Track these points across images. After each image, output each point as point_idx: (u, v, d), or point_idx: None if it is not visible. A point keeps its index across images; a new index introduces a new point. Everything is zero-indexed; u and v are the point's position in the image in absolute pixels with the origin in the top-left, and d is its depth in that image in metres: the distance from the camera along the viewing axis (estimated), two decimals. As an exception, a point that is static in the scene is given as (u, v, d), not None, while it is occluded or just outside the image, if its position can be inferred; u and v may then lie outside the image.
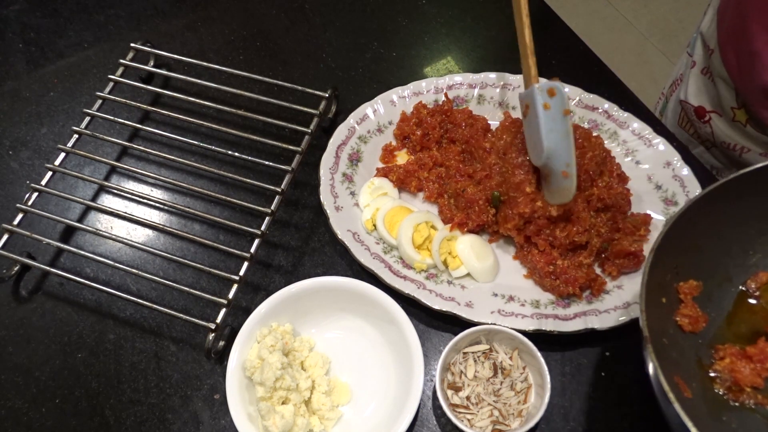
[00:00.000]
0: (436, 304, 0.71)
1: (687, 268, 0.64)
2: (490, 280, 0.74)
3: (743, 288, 0.67)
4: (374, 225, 0.77)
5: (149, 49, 0.89)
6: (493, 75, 0.86)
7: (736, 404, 0.60)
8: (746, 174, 0.61)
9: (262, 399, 0.65)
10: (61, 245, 0.76)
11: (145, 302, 0.71)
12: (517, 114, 0.83)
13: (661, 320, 0.61)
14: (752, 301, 0.66)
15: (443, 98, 0.85)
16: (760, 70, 0.73)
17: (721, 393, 0.61)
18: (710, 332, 0.64)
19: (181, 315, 0.70)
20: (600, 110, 0.83)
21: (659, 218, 0.76)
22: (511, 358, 0.68)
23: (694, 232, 0.62)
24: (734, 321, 0.65)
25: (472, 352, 0.69)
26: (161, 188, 0.84)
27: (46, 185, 0.79)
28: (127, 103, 0.86)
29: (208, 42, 0.98)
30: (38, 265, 0.75)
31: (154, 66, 0.91)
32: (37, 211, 0.77)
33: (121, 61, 0.88)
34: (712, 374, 0.62)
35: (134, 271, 0.73)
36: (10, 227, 0.76)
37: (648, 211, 0.76)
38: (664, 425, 0.55)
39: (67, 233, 0.81)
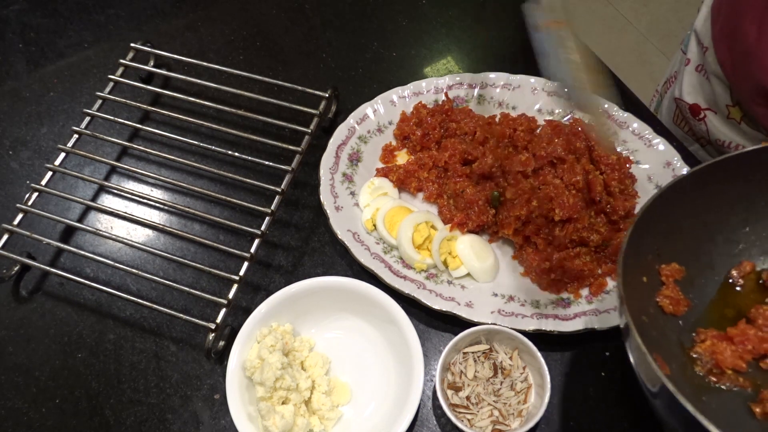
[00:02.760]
0: (436, 304, 0.71)
1: (669, 251, 0.64)
2: (490, 280, 0.74)
3: (727, 276, 0.66)
4: (374, 225, 0.77)
5: (149, 49, 0.89)
6: (493, 75, 0.86)
7: (717, 386, 0.60)
8: (730, 158, 0.60)
9: (262, 399, 0.65)
10: (61, 245, 0.76)
11: (145, 302, 0.71)
12: (517, 114, 0.83)
13: (642, 299, 0.61)
14: (737, 288, 0.66)
15: (443, 98, 0.85)
16: (754, 68, 0.73)
17: (701, 375, 0.61)
18: (692, 317, 0.64)
19: (181, 315, 0.70)
20: (600, 110, 0.83)
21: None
22: (511, 358, 0.68)
23: (677, 215, 0.62)
24: (717, 308, 0.65)
25: (472, 352, 0.69)
26: (161, 188, 0.84)
27: (46, 185, 0.79)
28: (127, 103, 0.86)
29: (208, 42, 0.98)
30: (38, 265, 0.75)
31: (154, 66, 0.91)
32: (37, 211, 0.77)
33: (121, 61, 0.88)
34: (693, 356, 0.61)
35: (134, 271, 0.73)
36: (10, 227, 0.76)
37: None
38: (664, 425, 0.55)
39: (67, 233, 0.81)
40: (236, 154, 0.80)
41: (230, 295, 0.70)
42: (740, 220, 0.66)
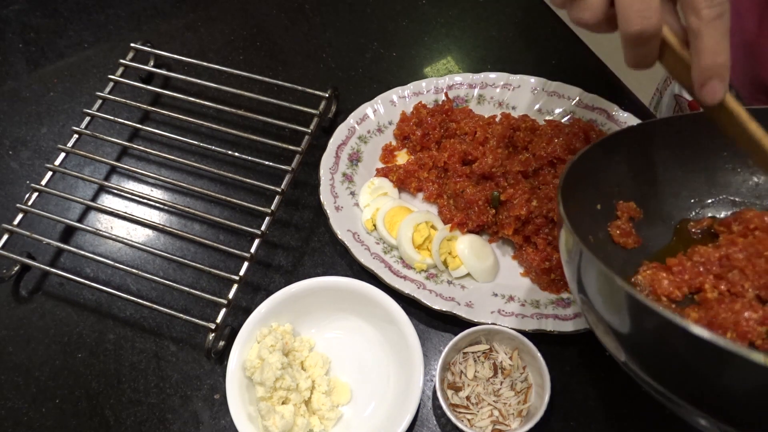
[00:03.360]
0: (436, 304, 0.71)
1: (630, 191, 0.65)
2: (490, 280, 0.74)
3: (683, 228, 0.67)
4: (374, 225, 0.77)
5: (149, 49, 0.89)
6: (493, 75, 0.86)
7: None
8: (701, 115, 0.59)
9: (262, 399, 0.65)
10: (61, 245, 0.76)
11: (145, 302, 0.71)
12: (517, 114, 0.83)
13: (591, 222, 0.62)
14: (694, 237, 0.67)
15: (443, 98, 0.85)
16: (753, 63, 0.73)
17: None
18: (640, 255, 0.65)
19: (181, 315, 0.70)
20: (600, 110, 0.83)
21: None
22: (511, 358, 0.68)
23: (644, 159, 0.62)
24: (666, 253, 0.66)
25: (472, 352, 0.69)
26: (161, 188, 0.84)
27: (46, 185, 0.79)
28: (127, 103, 0.86)
29: (208, 42, 0.98)
30: (38, 265, 0.75)
31: (154, 66, 0.91)
32: (37, 211, 0.77)
33: (121, 61, 0.88)
34: (633, 282, 0.62)
35: (134, 271, 0.73)
36: (10, 227, 0.76)
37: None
38: (665, 425, 0.55)
39: (67, 233, 0.81)
40: (236, 154, 0.80)
41: (230, 295, 0.70)
42: (705, 180, 0.67)
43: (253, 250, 0.72)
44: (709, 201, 0.67)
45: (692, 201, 0.67)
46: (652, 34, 0.47)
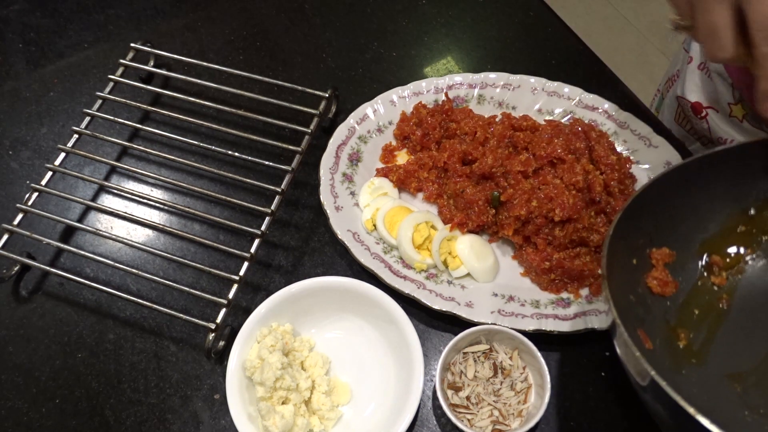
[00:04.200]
0: (436, 304, 0.71)
1: (661, 236, 0.66)
2: (490, 280, 0.74)
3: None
4: (374, 225, 0.77)
5: (149, 49, 0.89)
6: (493, 75, 0.87)
7: (693, 361, 0.62)
8: (725, 151, 0.62)
9: (262, 399, 0.65)
10: (61, 245, 0.76)
11: (145, 302, 0.71)
12: (517, 114, 0.83)
13: (630, 279, 0.63)
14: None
15: (443, 98, 0.85)
16: None
17: (682, 347, 0.63)
18: (679, 297, 0.65)
19: (181, 315, 0.70)
20: (600, 110, 0.83)
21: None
22: (511, 358, 0.68)
23: (671, 203, 0.63)
24: (701, 289, 0.67)
25: (472, 352, 0.69)
26: (161, 188, 0.84)
27: (46, 185, 0.79)
28: (127, 103, 0.86)
29: (208, 42, 0.98)
30: (38, 265, 0.75)
31: (154, 66, 0.91)
32: (37, 211, 0.77)
33: (121, 61, 0.88)
34: (678, 330, 0.64)
35: (134, 271, 0.73)
36: (10, 227, 0.76)
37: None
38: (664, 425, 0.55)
39: (67, 233, 0.81)
40: (236, 154, 0.80)
41: (230, 295, 0.70)
42: (732, 210, 0.67)
43: (253, 250, 0.72)
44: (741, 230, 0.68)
45: (721, 229, 0.68)
46: None
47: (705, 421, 0.43)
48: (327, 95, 0.83)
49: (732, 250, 0.67)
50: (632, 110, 0.83)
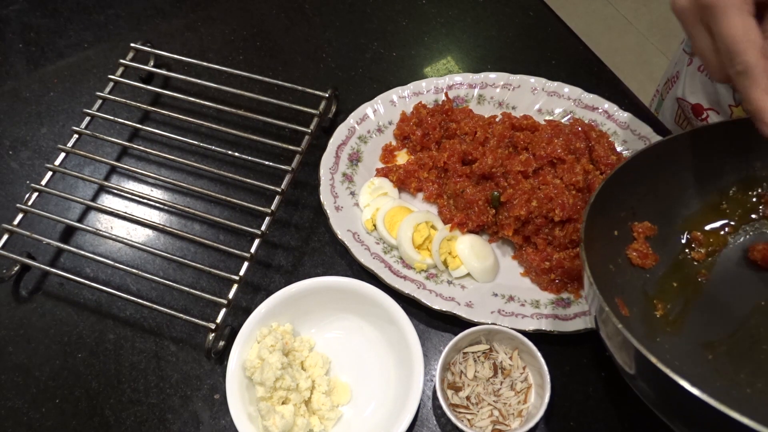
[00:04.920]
0: (436, 304, 0.71)
1: (644, 210, 0.66)
2: (490, 280, 0.74)
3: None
4: (374, 225, 0.77)
5: (149, 49, 0.89)
6: (493, 75, 0.87)
7: (668, 330, 0.63)
8: (709, 128, 0.64)
9: (262, 399, 0.65)
10: (61, 245, 0.76)
11: (145, 302, 0.71)
12: (516, 114, 0.83)
13: (610, 250, 0.64)
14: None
15: (443, 98, 0.85)
16: None
17: (659, 316, 0.63)
18: (659, 270, 0.66)
19: (181, 315, 0.70)
20: (600, 110, 0.83)
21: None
22: (511, 358, 0.68)
23: (655, 177, 0.65)
24: (682, 263, 0.68)
25: (472, 352, 0.69)
26: (161, 188, 0.84)
27: (46, 185, 0.79)
28: (127, 103, 0.86)
29: (208, 42, 0.98)
30: (38, 265, 0.75)
31: (154, 66, 0.91)
32: (37, 211, 0.77)
33: (121, 61, 0.88)
34: (655, 301, 0.64)
35: (134, 271, 0.73)
36: (10, 227, 0.76)
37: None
38: (664, 425, 0.55)
39: (67, 233, 0.81)
40: (236, 154, 0.80)
41: (230, 295, 0.70)
42: (715, 189, 0.68)
43: (253, 250, 0.72)
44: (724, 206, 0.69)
45: (703, 207, 0.68)
46: None
47: (671, 374, 0.45)
48: (327, 95, 0.83)
49: (713, 226, 0.68)
50: (632, 110, 0.83)
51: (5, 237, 0.76)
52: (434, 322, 0.73)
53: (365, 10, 1.00)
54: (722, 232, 0.68)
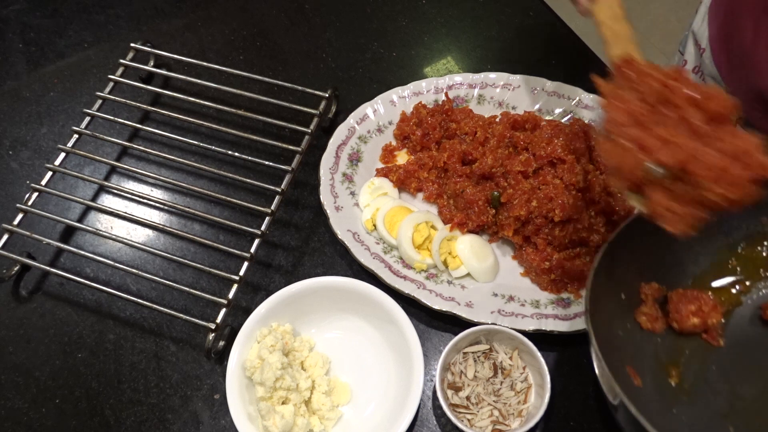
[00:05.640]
0: (436, 304, 0.71)
1: (652, 270, 0.65)
2: (490, 280, 0.74)
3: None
4: (374, 225, 0.77)
5: (149, 49, 0.89)
6: (493, 75, 0.86)
7: (685, 399, 0.61)
8: None
9: (262, 399, 0.65)
10: (61, 245, 0.76)
11: (145, 302, 0.71)
12: (516, 114, 0.83)
13: (618, 314, 0.63)
14: None
15: (443, 98, 0.85)
16: (749, 71, 0.73)
17: (674, 384, 0.62)
18: (672, 334, 0.65)
19: (181, 315, 0.70)
20: (600, 110, 0.83)
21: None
22: (511, 358, 0.68)
23: (658, 235, 0.63)
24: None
25: (472, 352, 0.69)
26: (161, 188, 0.84)
27: (46, 185, 0.79)
28: (127, 103, 0.86)
29: (208, 42, 0.98)
30: (38, 265, 0.75)
31: (154, 66, 0.91)
32: (37, 211, 0.77)
33: (121, 61, 0.88)
34: (669, 368, 0.63)
35: (134, 271, 0.73)
36: (10, 227, 0.76)
37: (648, 211, 0.76)
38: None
39: (67, 233, 0.81)
40: (236, 154, 0.80)
41: (230, 295, 0.70)
42: (724, 245, 0.67)
43: (253, 250, 0.72)
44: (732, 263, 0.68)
45: (712, 264, 0.67)
46: None
47: None
48: (327, 95, 0.83)
49: (722, 283, 0.67)
50: (632, 110, 0.83)
51: (5, 237, 0.76)
52: (434, 322, 0.73)
53: (365, 10, 1.00)
54: (734, 290, 0.67)
